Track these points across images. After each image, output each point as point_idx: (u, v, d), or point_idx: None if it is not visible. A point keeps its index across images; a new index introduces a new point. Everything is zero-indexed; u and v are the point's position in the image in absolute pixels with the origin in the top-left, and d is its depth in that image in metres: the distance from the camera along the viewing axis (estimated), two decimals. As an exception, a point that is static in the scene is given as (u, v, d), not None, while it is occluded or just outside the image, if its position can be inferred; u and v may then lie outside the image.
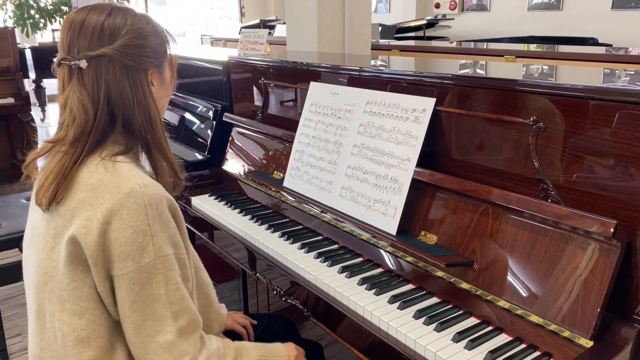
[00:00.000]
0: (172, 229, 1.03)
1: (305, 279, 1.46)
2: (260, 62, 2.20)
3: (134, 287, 0.98)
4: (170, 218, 1.03)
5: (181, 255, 1.05)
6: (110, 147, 1.06)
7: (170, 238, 1.03)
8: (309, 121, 1.79)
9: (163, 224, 1.01)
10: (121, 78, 1.04)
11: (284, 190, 1.83)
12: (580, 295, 1.07)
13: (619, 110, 1.07)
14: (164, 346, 1.01)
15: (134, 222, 0.97)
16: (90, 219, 0.97)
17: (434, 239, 1.37)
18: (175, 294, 1.02)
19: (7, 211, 2.60)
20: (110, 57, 1.03)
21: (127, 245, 0.96)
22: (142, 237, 0.97)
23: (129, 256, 0.97)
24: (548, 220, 1.14)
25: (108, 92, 1.04)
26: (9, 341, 2.44)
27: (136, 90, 1.06)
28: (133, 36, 1.06)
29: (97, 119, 1.03)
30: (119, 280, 0.98)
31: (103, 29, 1.04)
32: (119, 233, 0.96)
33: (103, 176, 1.00)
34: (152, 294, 0.99)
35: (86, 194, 0.99)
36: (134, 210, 0.97)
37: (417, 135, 1.42)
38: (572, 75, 1.58)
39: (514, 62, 3.27)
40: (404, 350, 1.15)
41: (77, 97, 1.02)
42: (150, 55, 1.09)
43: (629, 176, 1.07)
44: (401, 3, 8.43)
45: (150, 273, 0.99)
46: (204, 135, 2.51)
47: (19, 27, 5.77)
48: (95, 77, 1.03)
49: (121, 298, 0.99)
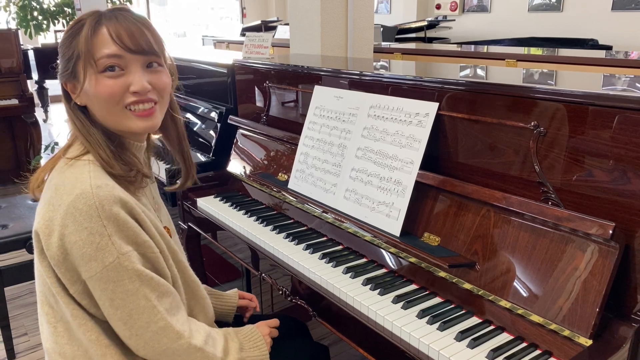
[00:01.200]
0: (132, 228, 1.02)
1: (310, 279, 1.49)
2: (264, 66, 2.23)
3: (106, 286, 0.99)
4: (127, 218, 1.02)
5: (150, 254, 1.05)
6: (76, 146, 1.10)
7: (131, 237, 1.02)
8: (313, 124, 1.82)
9: (120, 224, 1.00)
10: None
11: (289, 192, 1.86)
12: (579, 296, 1.10)
13: (617, 116, 1.10)
14: (159, 332, 1.04)
15: (87, 223, 0.97)
16: (52, 219, 0.99)
17: (437, 240, 1.40)
18: (150, 282, 1.03)
19: (14, 212, 2.63)
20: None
21: (86, 247, 0.97)
22: (99, 238, 0.97)
23: (91, 258, 0.97)
24: (548, 222, 1.17)
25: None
26: (16, 340, 2.47)
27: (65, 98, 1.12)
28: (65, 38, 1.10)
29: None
30: (91, 282, 1.00)
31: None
32: (76, 236, 0.97)
33: (64, 176, 1.03)
34: (127, 289, 1.00)
35: (51, 193, 1.02)
36: (85, 212, 0.97)
37: (421, 138, 1.45)
38: (572, 79, 1.61)
39: (515, 66, 3.29)
40: (408, 348, 1.18)
41: None
42: (61, 67, 1.11)
43: (627, 180, 1.10)
44: (402, 4, 8.45)
45: (118, 271, 0.99)
46: (209, 137, 2.54)
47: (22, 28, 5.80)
48: None
49: (99, 299, 1.01)
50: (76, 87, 1.09)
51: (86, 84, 1.06)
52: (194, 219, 2.15)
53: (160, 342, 1.05)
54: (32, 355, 2.41)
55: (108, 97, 1.06)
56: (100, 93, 1.06)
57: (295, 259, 1.56)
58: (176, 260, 1.17)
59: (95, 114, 1.10)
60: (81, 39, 1.05)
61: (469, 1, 7.70)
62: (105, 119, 1.10)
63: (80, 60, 1.05)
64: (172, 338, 1.06)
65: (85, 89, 1.07)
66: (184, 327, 1.09)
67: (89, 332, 1.04)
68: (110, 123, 1.10)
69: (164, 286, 1.07)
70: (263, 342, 1.26)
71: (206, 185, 2.23)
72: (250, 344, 1.24)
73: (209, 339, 1.14)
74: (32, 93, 4.76)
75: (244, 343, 1.23)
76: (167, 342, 1.05)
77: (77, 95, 1.09)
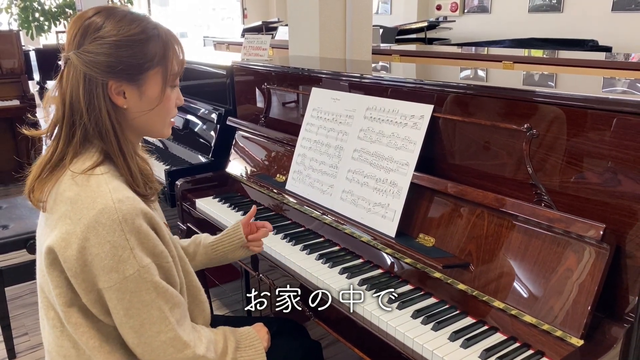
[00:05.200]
0: (152, 240, 1.03)
1: (307, 279, 1.51)
2: (263, 68, 2.24)
3: (123, 296, 1.00)
4: (148, 230, 1.03)
5: (165, 264, 1.07)
6: (88, 153, 1.06)
7: (151, 249, 1.03)
8: (310, 126, 1.84)
9: (142, 237, 1.01)
10: (80, 83, 1.03)
11: (287, 193, 1.87)
12: (571, 296, 1.11)
13: (609, 119, 1.12)
14: (167, 342, 1.06)
15: (110, 237, 0.98)
16: (70, 233, 0.99)
17: (431, 241, 1.42)
18: (165, 294, 1.05)
19: (15, 212, 2.65)
20: (73, 60, 1.03)
21: (108, 260, 0.98)
22: (122, 251, 0.98)
23: (112, 269, 0.98)
24: (541, 223, 1.19)
25: (71, 95, 1.04)
26: (16, 340, 2.48)
27: (90, 98, 1.03)
28: (100, 43, 1.02)
29: (64, 119, 1.05)
30: (107, 293, 1.00)
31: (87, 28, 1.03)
32: (98, 249, 0.97)
33: (81, 189, 1.01)
34: (144, 300, 1.02)
35: (66, 207, 1.01)
36: (109, 226, 0.98)
37: (416, 140, 1.47)
38: (570, 82, 1.62)
39: (512, 68, 3.30)
40: (403, 349, 1.19)
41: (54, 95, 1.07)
42: (113, 66, 1.03)
43: (618, 182, 1.12)
44: (403, 4, 8.46)
45: (137, 282, 1.00)
46: (208, 138, 2.56)
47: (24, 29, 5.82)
48: (66, 77, 1.05)
49: (114, 308, 1.02)
50: (129, 91, 1.06)
51: (152, 93, 1.08)
52: (193, 219, 2.17)
53: (166, 352, 1.07)
54: (33, 354, 2.42)
55: (171, 108, 1.14)
56: (166, 104, 1.12)
57: (292, 259, 1.58)
58: (184, 267, 1.20)
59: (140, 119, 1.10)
60: (160, 50, 1.07)
61: (470, 2, 7.71)
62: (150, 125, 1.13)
63: (153, 69, 1.07)
64: (179, 348, 1.08)
65: (148, 97, 1.08)
66: (190, 337, 1.10)
67: (91, 340, 1.05)
68: (150, 129, 1.14)
69: (177, 297, 1.09)
70: (259, 340, 1.28)
71: (205, 186, 2.24)
72: (247, 343, 1.26)
73: (210, 344, 1.16)
74: (34, 94, 4.78)
75: (240, 342, 1.25)
76: (172, 352, 1.07)
77: (127, 100, 1.07)
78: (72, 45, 1.04)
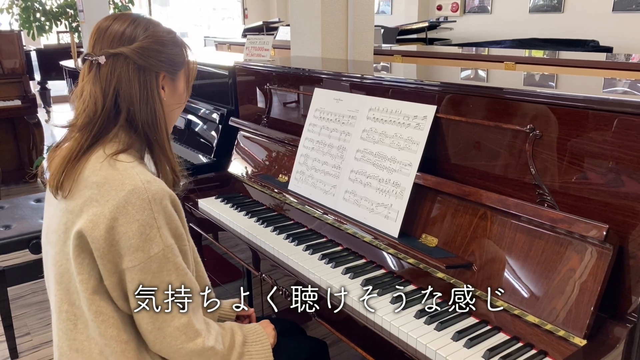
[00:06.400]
0: (176, 221, 1.10)
1: (310, 279, 1.51)
2: (265, 68, 2.25)
3: (145, 276, 1.04)
4: (173, 212, 1.09)
5: (184, 247, 1.12)
6: (112, 143, 1.12)
7: (174, 230, 1.09)
8: (313, 126, 1.84)
9: (167, 217, 1.07)
10: (133, 76, 1.12)
11: (289, 193, 1.87)
12: (574, 296, 1.11)
13: (612, 120, 1.12)
14: (180, 329, 1.09)
15: (139, 216, 1.03)
16: (98, 214, 1.03)
17: (434, 241, 1.42)
18: (185, 277, 1.10)
19: (17, 213, 2.65)
20: (127, 55, 1.11)
21: (135, 238, 1.02)
22: (149, 229, 1.03)
23: (138, 248, 1.03)
24: (544, 224, 1.19)
25: (118, 87, 1.11)
26: (19, 340, 2.49)
27: (144, 89, 1.13)
28: (151, 41, 1.14)
29: (104, 109, 1.11)
30: (130, 273, 1.04)
31: (124, 32, 1.13)
32: (126, 227, 1.02)
33: (107, 173, 1.06)
34: (163, 281, 1.06)
35: (92, 191, 1.05)
36: (138, 205, 1.03)
37: (419, 141, 1.47)
38: (571, 83, 1.63)
39: (514, 68, 3.31)
40: (405, 348, 1.20)
41: (90, 88, 1.11)
42: (164, 60, 1.16)
43: (621, 182, 1.12)
44: (403, 5, 8.47)
45: (161, 262, 1.05)
46: (210, 138, 2.56)
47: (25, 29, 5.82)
48: (110, 72, 1.11)
49: (135, 290, 1.05)
50: (168, 85, 1.19)
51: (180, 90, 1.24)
52: (195, 219, 2.17)
53: (178, 340, 1.09)
54: (35, 354, 2.43)
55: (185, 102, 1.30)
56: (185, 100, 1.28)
57: (295, 259, 1.58)
58: (195, 257, 1.23)
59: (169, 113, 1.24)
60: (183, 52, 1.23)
61: (470, 2, 7.72)
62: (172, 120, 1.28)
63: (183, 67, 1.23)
64: (190, 336, 1.10)
65: (178, 93, 1.23)
66: (202, 327, 1.14)
67: (110, 329, 1.07)
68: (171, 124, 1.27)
69: (194, 284, 1.13)
70: (266, 336, 1.29)
71: (207, 186, 2.25)
72: (254, 338, 1.28)
73: (218, 336, 1.19)
74: (35, 94, 4.79)
75: (247, 337, 1.27)
76: (184, 340, 1.09)
77: (165, 93, 1.19)
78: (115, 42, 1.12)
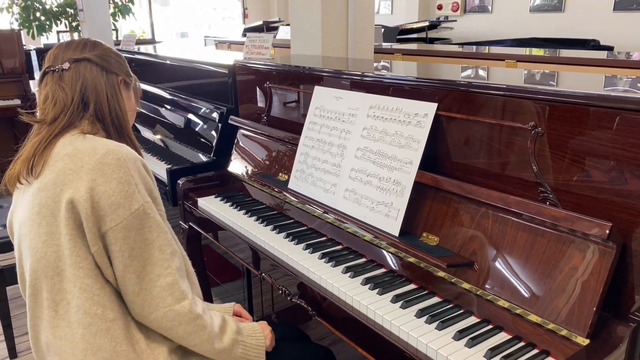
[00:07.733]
0: (150, 183, 1.16)
1: (310, 278, 1.50)
2: (265, 66, 2.24)
3: (129, 234, 1.07)
4: (146, 174, 1.16)
5: (160, 211, 1.17)
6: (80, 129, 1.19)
7: (149, 191, 1.14)
8: (313, 124, 1.83)
9: (142, 177, 1.13)
10: (97, 74, 1.23)
11: (289, 192, 1.86)
12: (577, 295, 1.10)
13: (615, 117, 1.11)
14: (166, 288, 1.10)
15: (116, 174, 1.08)
16: (75, 180, 1.07)
17: (435, 240, 1.41)
18: (165, 236, 1.13)
19: (16, 212, 2.64)
20: (90, 59, 1.23)
21: (115, 196, 1.06)
22: (128, 186, 1.08)
23: (119, 205, 1.06)
24: (546, 222, 1.18)
25: (85, 84, 1.20)
26: (17, 339, 2.48)
27: (109, 84, 1.24)
28: (110, 51, 1.29)
29: (72, 103, 1.19)
30: (113, 233, 1.07)
31: (85, 44, 1.26)
32: (105, 186, 1.06)
33: (78, 144, 1.13)
34: (146, 238, 1.09)
35: (64, 162, 1.10)
36: (114, 164, 1.08)
37: (420, 139, 1.46)
38: (572, 80, 1.61)
39: (515, 66, 3.30)
40: (406, 348, 1.19)
41: (55, 90, 1.19)
42: (122, 67, 1.31)
43: (624, 180, 1.11)
44: (404, 4, 8.46)
45: (142, 219, 1.09)
46: (210, 137, 2.55)
47: (25, 29, 5.82)
48: (75, 74, 1.21)
49: (119, 250, 1.07)
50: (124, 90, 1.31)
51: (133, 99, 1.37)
52: (194, 218, 2.16)
53: (165, 301, 1.10)
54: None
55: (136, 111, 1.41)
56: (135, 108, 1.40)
57: (294, 259, 1.57)
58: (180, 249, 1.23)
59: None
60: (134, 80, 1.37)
61: (471, 2, 7.70)
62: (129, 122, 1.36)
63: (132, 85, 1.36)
64: (177, 297, 1.11)
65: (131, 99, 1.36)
66: (188, 290, 1.16)
67: (95, 307, 1.08)
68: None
69: (175, 245, 1.17)
70: (262, 334, 1.29)
71: (207, 185, 2.24)
72: (249, 332, 1.28)
73: (206, 310, 1.19)
74: (35, 93, 4.78)
75: (242, 329, 1.27)
76: (170, 302, 1.10)
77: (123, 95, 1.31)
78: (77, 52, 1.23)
